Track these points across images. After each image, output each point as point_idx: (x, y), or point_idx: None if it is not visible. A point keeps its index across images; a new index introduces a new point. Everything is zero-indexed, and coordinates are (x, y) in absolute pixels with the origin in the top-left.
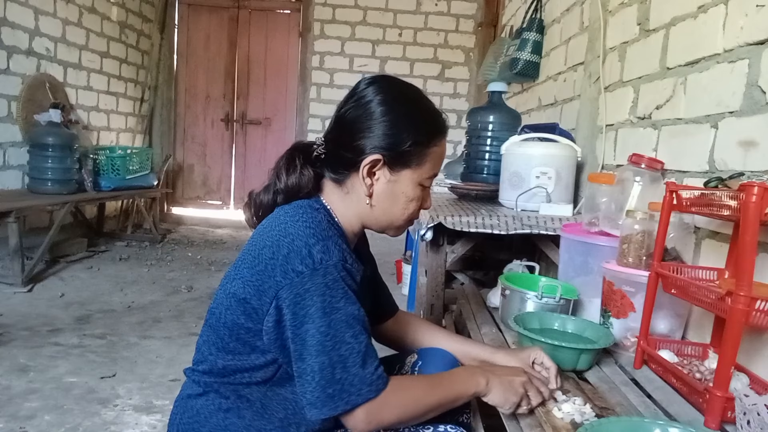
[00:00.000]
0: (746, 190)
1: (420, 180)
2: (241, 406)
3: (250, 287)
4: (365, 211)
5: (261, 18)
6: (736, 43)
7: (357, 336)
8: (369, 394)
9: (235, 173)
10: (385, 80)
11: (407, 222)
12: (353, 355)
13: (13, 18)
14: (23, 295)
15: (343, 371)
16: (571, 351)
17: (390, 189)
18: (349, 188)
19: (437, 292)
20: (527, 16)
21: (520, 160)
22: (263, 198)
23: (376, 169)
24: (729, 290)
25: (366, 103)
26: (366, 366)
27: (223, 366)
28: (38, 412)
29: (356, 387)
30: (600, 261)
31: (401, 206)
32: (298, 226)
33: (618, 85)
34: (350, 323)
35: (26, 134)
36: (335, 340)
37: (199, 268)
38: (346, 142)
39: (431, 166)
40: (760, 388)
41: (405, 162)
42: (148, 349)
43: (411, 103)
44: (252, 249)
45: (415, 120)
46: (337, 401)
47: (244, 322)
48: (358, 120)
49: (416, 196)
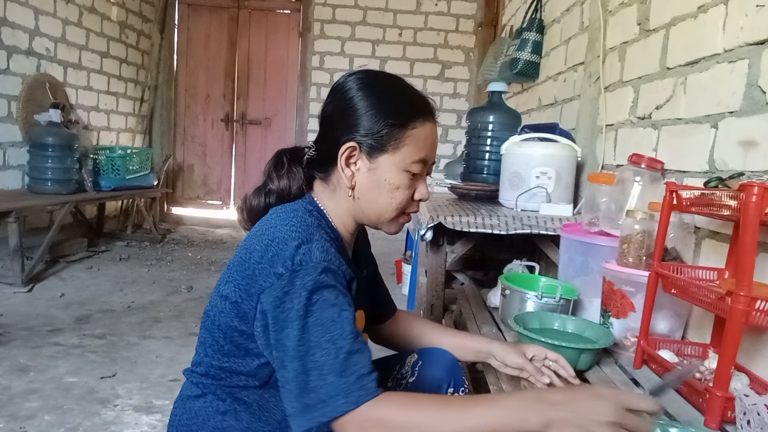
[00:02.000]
0: (746, 190)
1: (404, 165)
2: (238, 408)
3: (241, 290)
4: (352, 205)
5: (261, 18)
6: (736, 43)
7: (335, 341)
8: (346, 406)
9: (235, 173)
10: (362, 72)
11: (397, 213)
12: (330, 362)
13: (13, 18)
14: (23, 295)
15: (318, 379)
16: (571, 351)
17: (372, 178)
18: (335, 184)
19: (437, 292)
20: (527, 16)
21: (520, 160)
22: (254, 201)
23: (354, 159)
24: (729, 290)
25: (342, 95)
26: (344, 375)
27: (219, 368)
28: (38, 412)
29: (333, 398)
30: (600, 261)
31: (386, 195)
32: (285, 230)
33: (618, 85)
34: (327, 327)
35: (26, 134)
36: (309, 345)
37: (199, 268)
38: (327, 136)
39: (414, 149)
40: (760, 388)
41: (381, 147)
42: (148, 349)
43: (384, 88)
44: (243, 252)
45: (388, 103)
46: (313, 412)
47: (237, 325)
48: (334, 112)
49: (402, 184)
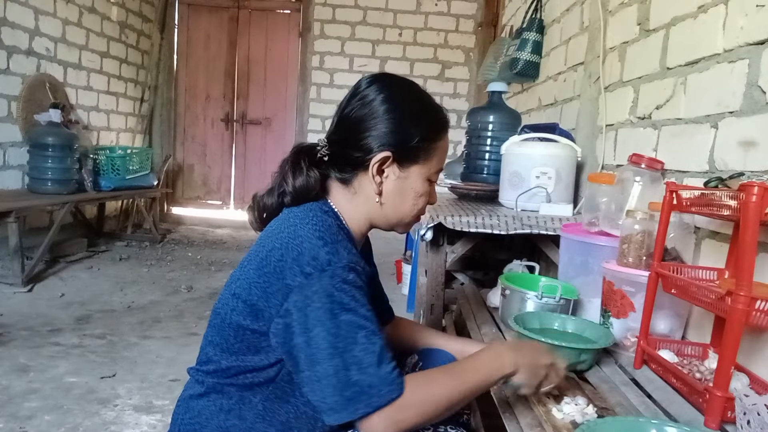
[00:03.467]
0: (746, 190)
1: (428, 175)
2: (242, 407)
3: (257, 289)
4: (374, 210)
5: (261, 18)
6: (736, 43)
7: (370, 337)
8: (391, 394)
9: (235, 173)
10: (386, 78)
11: (416, 218)
12: (368, 356)
13: (13, 18)
14: (23, 295)
15: (359, 372)
16: (571, 351)
17: (400, 185)
18: (356, 188)
19: (437, 292)
20: (527, 16)
21: (520, 160)
22: (267, 201)
23: (386, 166)
24: (729, 290)
25: (370, 101)
26: (382, 366)
27: (227, 366)
28: (38, 412)
29: (376, 388)
30: (600, 261)
31: (411, 202)
32: (308, 229)
33: (618, 85)
34: (362, 324)
35: (26, 134)
36: (347, 341)
37: (199, 268)
38: (353, 141)
39: (438, 160)
40: (760, 388)
41: (414, 158)
42: (148, 349)
43: (415, 100)
44: (260, 251)
45: (420, 116)
46: (357, 404)
47: (249, 324)
48: (364, 119)
49: (425, 191)
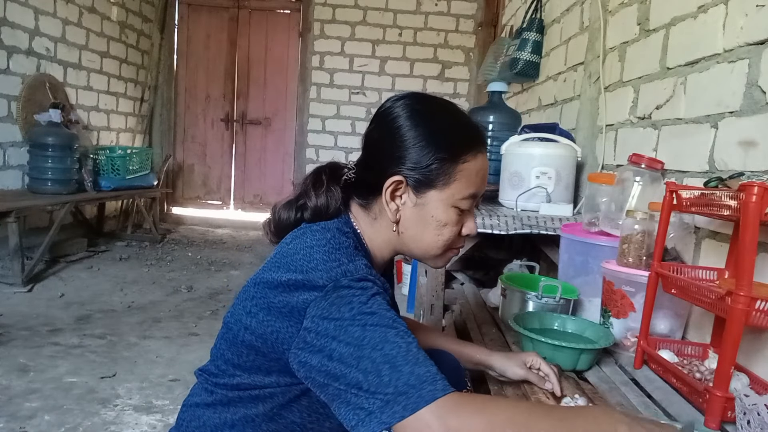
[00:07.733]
0: (746, 190)
1: (453, 201)
2: (246, 423)
3: (274, 309)
4: (394, 238)
5: (261, 18)
6: (736, 43)
7: (402, 336)
8: (435, 393)
9: (235, 173)
10: (412, 96)
11: (446, 249)
12: (402, 354)
13: (13, 18)
14: (23, 295)
15: (392, 371)
16: (571, 351)
17: (418, 213)
18: (376, 213)
19: (437, 292)
20: (527, 16)
21: (520, 160)
22: (284, 215)
23: (400, 192)
24: (729, 290)
25: (389, 121)
26: (420, 365)
27: (238, 383)
28: (38, 412)
29: (415, 387)
30: (600, 261)
31: (433, 232)
32: (325, 251)
33: (618, 85)
34: (390, 324)
35: (26, 134)
36: (374, 342)
37: (199, 268)
38: (369, 163)
39: (464, 185)
40: (760, 388)
41: (430, 182)
42: (148, 349)
43: (435, 117)
44: (274, 269)
45: (438, 135)
46: (394, 406)
47: (260, 346)
48: (381, 140)
49: (450, 220)
